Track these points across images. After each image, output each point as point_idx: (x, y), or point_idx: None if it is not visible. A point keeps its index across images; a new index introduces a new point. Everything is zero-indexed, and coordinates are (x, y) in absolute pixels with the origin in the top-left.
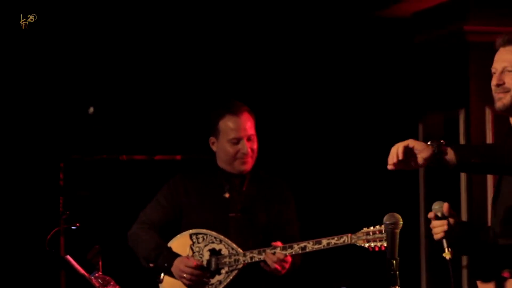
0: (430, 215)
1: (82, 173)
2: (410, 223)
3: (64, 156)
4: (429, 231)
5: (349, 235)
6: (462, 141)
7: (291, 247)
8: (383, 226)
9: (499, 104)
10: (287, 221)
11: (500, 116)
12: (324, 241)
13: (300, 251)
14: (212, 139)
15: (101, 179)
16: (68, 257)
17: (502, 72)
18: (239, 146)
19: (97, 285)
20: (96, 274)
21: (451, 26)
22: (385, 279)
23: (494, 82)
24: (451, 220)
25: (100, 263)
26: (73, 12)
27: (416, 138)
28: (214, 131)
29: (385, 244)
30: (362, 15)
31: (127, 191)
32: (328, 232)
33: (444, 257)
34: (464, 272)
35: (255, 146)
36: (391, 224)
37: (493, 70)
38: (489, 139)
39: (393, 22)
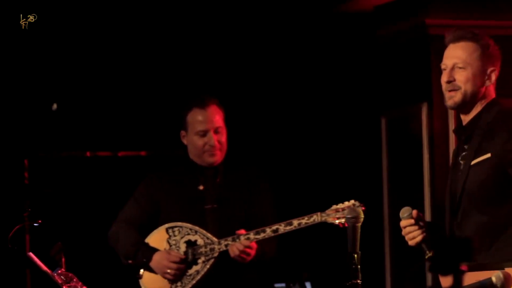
0: (404, 222)
1: (47, 170)
2: (373, 217)
3: (28, 154)
4: (392, 225)
5: (319, 213)
6: (424, 134)
7: (264, 231)
8: (352, 201)
9: (450, 102)
10: (263, 211)
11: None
12: (295, 222)
13: (272, 234)
14: (182, 132)
15: (65, 176)
16: (31, 254)
17: (453, 68)
18: (206, 138)
19: (59, 281)
20: (59, 271)
21: (413, 20)
22: (347, 273)
23: (444, 78)
24: (422, 224)
25: (63, 260)
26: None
27: (379, 132)
28: (184, 125)
29: (358, 219)
30: (323, 9)
31: (91, 188)
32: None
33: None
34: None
35: (223, 138)
36: (352, 218)
37: (443, 67)
38: (452, 133)
39: (355, 16)
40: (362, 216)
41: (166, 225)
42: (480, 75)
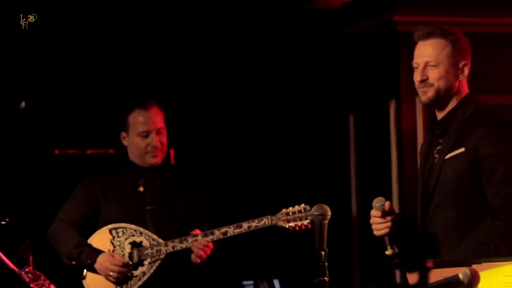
0: (373, 212)
1: (14, 168)
2: (341, 213)
3: None
4: (360, 222)
5: (269, 217)
6: (392, 131)
7: (212, 233)
8: (302, 205)
9: (424, 98)
10: (201, 212)
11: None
12: (245, 225)
13: (221, 236)
14: (123, 134)
15: (33, 174)
16: None
17: (425, 67)
18: (149, 139)
19: (27, 280)
20: (27, 269)
21: (381, 17)
22: (314, 270)
23: (418, 77)
24: (392, 217)
25: (31, 258)
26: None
27: (346, 128)
28: (125, 126)
29: (305, 223)
30: (292, 6)
31: (60, 186)
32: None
33: (387, 255)
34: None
35: (164, 139)
36: (319, 215)
37: (415, 65)
38: (420, 129)
39: (323, 14)
40: (329, 213)
41: (110, 226)
42: (453, 71)
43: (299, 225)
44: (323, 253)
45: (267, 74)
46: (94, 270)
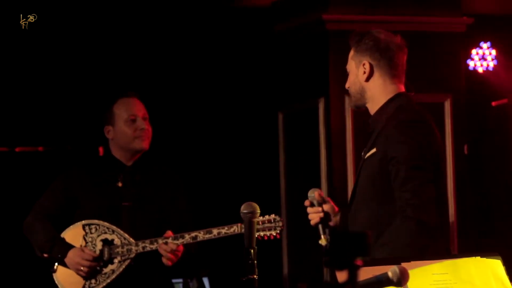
0: (306, 202)
1: None
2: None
3: None
4: (290, 220)
5: (239, 224)
6: (321, 129)
7: (183, 237)
8: (272, 216)
9: (351, 105)
10: (180, 212)
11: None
12: (215, 231)
13: (191, 241)
14: (107, 128)
15: None
16: None
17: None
18: (137, 123)
19: None
20: None
21: (311, 15)
22: (243, 268)
23: (347, 84)
24: (325, 207)
25: None
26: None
27: (276, 127)
28: (109, 119)
29: (273, 233)
30: (221, 3)
31: None
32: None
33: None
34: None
35: (150, 128)
36: (248, 213)
37: (348, 69)
38: (349, 128)
39: (253, 12)
40: (258, 211)
41: (83, 222)
42: (355, 72)
43: (268, 235)
44: (252, 251)
45: (197, 71)
46: (65, 264)
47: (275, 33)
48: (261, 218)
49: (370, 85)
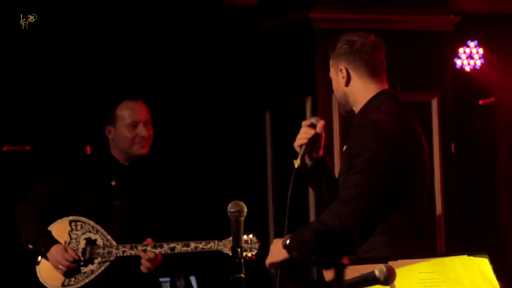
0: (307, 122)
1: None
2: (258, 210)
3: None
4: (277, 219)
5: (216, 241)
6: None
7: (161, 246)
8: (250, 236)
9: (342, 111)
10: (172, 217)
11: None
12: (193, 244)
13: (169, 251)
14: (108, 128)
15: None
16: None
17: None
18: (137, 130)
19: None
20: None
21: (297, 13)
22: (231, 267)
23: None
24: (316, 135)
25: None
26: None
27: (263, 125)
28: (111, 120)
29: (249, 255)
30: (207, 3)
31: None
32: None
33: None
34: None
35: (151, 132)
36: (235, 212)
37: (331, 77)
38: (336, 126)
39: (239, 10)
40: (245, 210)
41: (71, 218)
42: (336, 79)
43: (244, 255)
44: (239, 250)
45: (183, 70)
46: (47, 258)
47: (261, 32)
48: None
49: (350, 89)
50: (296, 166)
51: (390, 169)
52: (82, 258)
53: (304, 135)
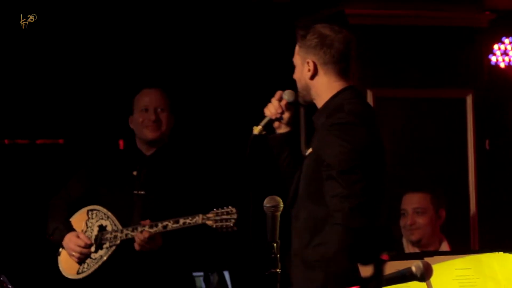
0: (277, 96)
1: None
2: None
3: None
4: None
5: (201, 215)
6: None
7: (156, 225)
8: (229, 208)
9: (300, 100)
10: (193, 199)
11: (380, 99)
12: (181, 221)
13: (162, 229)
14: (130, 118)
15: None
16: None
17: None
18: (148, 114)
19: None
20: None
21: (332, 9)
22: (266, 262)
23: (294, 76)
24: (287, 114)
25: None
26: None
27: (297, 120)
28: (132, 109)
29: (230, 225)
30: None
31: (9, 176)
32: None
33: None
34: None
35: (163, 118)
36: (271, 207)
37: (294, 63)
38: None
39: (274, 6)
40: (282, 205)
41: (88, 207)
42: (300, 69)
43: (224, 226)
44: (275, 245)
45: (216, 67)
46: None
47: (296, 28)
48: (220, 210)
49: (314, 83)
50: (254, 132)
51: (363, 171)
52: (93, 243)
53: (272, 108)
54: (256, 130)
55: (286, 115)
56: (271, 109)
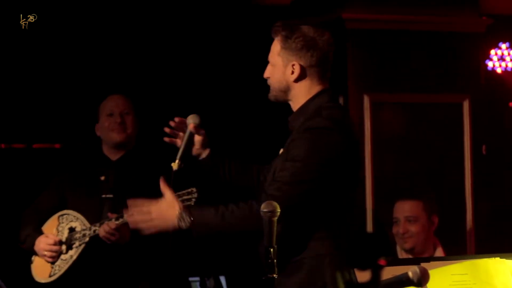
0: (176, 119)
1: None
2: None
3: None
4: None
5: None
6: None
7: (122, 217)
8: (190, 189)
9: (271, 97)
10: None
11: (377, 104)
12: None
13: (125, 221)
14: (96, 126)
15: None
16: None
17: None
18: (113, 117)
19: None
20: None
21: (330, 14)
22: (263, 267)
23: (265, 74)
24: (198, 137)
25: None
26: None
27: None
28: (98, 116)
29: (192, 204)
30: (239, 2)
31: (6, 180)
32: None
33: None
34: None
35: (129, 122)
36: (268, 212)
37: (270, 60)
38: (367, 126)
39: (272, 10)
40: (279, 210)
41: (59, 213)
42: (283, 70)
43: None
44: (272, 250)
45: (214, 69)
46: (37, 253)
47: None
48: (181, 192)
49: (297, 85)
50: (173, 168)
51: (322, 177)
52: (63, 240)
53: (176, 139)
54: (175, 165)
55: (198, 139)
56: (178, 140)
